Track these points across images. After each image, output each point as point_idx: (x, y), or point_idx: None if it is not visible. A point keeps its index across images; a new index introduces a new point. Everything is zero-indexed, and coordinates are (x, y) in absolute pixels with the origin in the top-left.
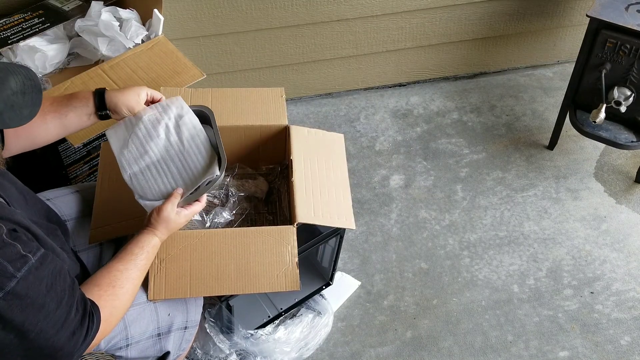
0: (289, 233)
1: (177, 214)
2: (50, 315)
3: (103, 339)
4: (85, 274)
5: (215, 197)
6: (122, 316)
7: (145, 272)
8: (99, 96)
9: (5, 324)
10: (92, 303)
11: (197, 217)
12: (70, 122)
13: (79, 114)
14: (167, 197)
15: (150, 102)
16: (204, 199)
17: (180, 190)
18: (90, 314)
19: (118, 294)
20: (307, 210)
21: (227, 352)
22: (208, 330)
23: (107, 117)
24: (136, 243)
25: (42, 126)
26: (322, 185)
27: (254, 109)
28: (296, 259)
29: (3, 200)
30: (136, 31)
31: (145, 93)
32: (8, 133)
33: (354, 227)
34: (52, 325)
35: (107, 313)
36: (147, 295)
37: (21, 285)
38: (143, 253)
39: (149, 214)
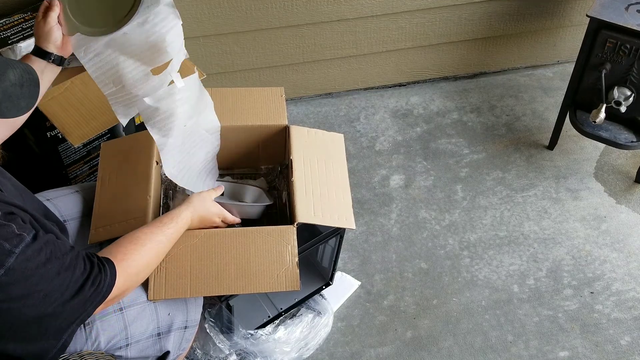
0: (289, 233)
1: (213, 203)
2: (54, 281)
3: (122, 296)
4: None
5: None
6: (143, 274)
7: (171, 242)
8: (35, 50)
9: (12, 297)
10: (105, 258)
11: None
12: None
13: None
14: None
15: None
16: (239, 218)
17: (221, 188)
18: (99, 267)
19: (139, 250)
20: (307, 210)
21: (227, 352)
22: (208, 330)
23: (59, 58)
24: (168, 214)
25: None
26: (322, 185)
27: (254, 108)
28: (296, 259)
29: None
30: None
31: (43, 7)
32: None
33: (354, 227)
34: (57, 289)
35: (125, 265)
36: (147, 295)
37: (20, 260)
38: (172, 222)
39: (192, 195)
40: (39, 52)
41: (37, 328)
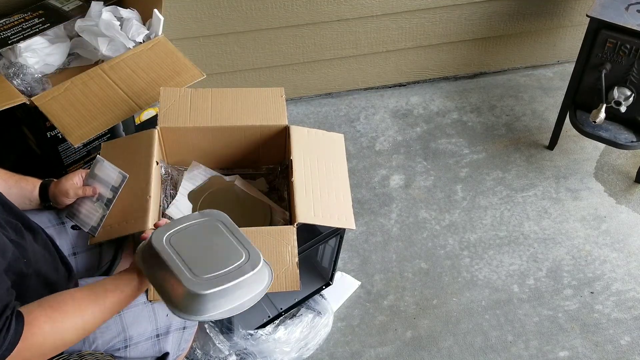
0: (289, 233)
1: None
2: None
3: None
4: (69, 275)
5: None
6: (50, 345)
7: (111, 313)
8: (44, 189)
9: None
10: (19, 315)
11: None
12: (11, 198)
13: (23, 196)
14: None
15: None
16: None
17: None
18: (8, 320)
19: (55, 317)
20: (307, 210)
21: (227, 352)
22: (208, 331)
23: (51, 207)
24: (114, 278)
25: None
26: (322, 186)
27: (254, 109)
28: (296, 259)
29: None
30: (137, 30)
31: (78, 177)
32: None
33: (354, 227)
34: None
35: (30, 333)
36: (146, 296)
37: None
38: (116, 290)
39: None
40: (44, 196)
41: None
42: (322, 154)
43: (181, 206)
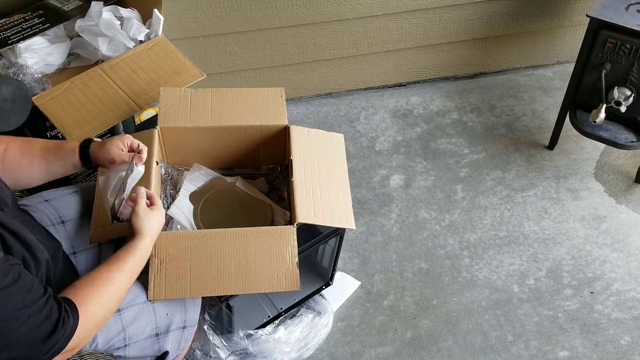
0: (289, 233)
1: (154, 215)
2: (12, 323)
3: (82, 345)
4: (67, 264)
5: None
6: (106, 315)
7: (132, 276)
8: (84, 150)
9: None
10: (66, 299)
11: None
12: (57, 170)
13: (65, 164)
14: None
15: (130, 149)
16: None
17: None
18: (63, 317)
19: (100, 292)
20: (307, 211)
21: (227, 352)
22: (208, 331)
23: (94, 168)
24: (121, 249)
25: (28, 169)
26: (322, 186)
27: (254, 109)
28: (296, 259)
29: None
30: (137, 29)
31: (125, 142)
32: None
33: (354, 227)
34: (17, 333)
35: (85, 309)
36: (146, 295)
37: None
38: (128, 256)
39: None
40: (86, 159)
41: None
42: (322, 154)
43: (183, 207)
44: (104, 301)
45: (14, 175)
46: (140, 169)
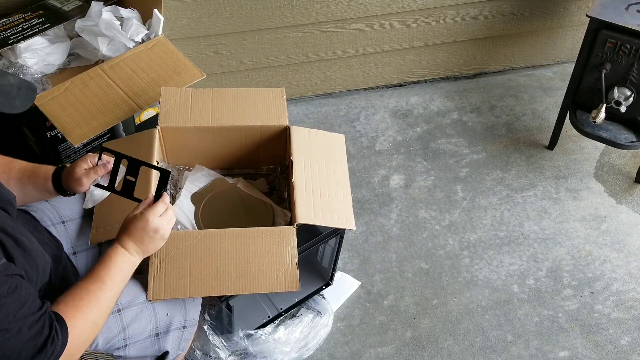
0: (289, 233)
1: (134, 219)
2: (12, 322)
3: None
4: (65, 269)
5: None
6: (92, 339)
7: (119, 289)
8: (57, 176)
9: None
10: (60, 322)
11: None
12: (31, 194)
13: (39, 190)
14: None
15: (95, 165)
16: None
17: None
18: (53, 336)
19: (87, 316)
20: (307, 211)
21: (227, 352)
22: (208, 331)
23: (68, 194)
24: (101, 263)
25: (5, 180)
26: (323, 186)
27: (255, 109)
28: (296, 260)
29: None
30: (137, 29)
31: (87, 162)
32: None
33: (354, 228)
34: (5, 346)
35: (77, 332)
36: (146, 295)
37: None
38: (109, 272)
39: (119, 230)
40: (59, 187)
41: None
42: (322, 155)
43: (184, 207)
44: (93, 317)
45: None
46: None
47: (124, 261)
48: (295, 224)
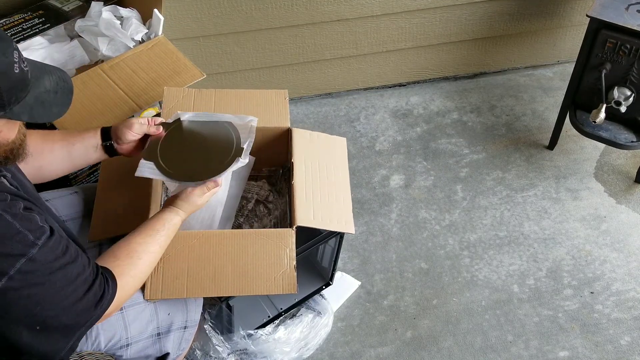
0: (288, 236)
1: (199, 197)
2: (68, 274)
3: (114, 311)
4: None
5: None
6: (138, 286)
7: (163, 249)
8: (105, 130)
9: (32, 284)
10: (106, 269)
11: None
12: (77, 152)
13: (85, 145)
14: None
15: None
16: (221, 180)
17: (212, 183)
18: (104, 278)
19: (136, 263)
20: (307, 214)
21: (227, 352)
22: (208, 331)
23: (112, 149)
24: (157, 219)
25: (49, 155)
26: (323, 189)
27: (257, 110)
28: (294, 262)
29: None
30: (136, 29)
31: (134, 130)
32: None
33: (353, 232)
34: (71, 283)
35: (124, 281)
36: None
37: (42, 251)
38: (164, 229)
39: (174, 195)
40: (106, 135)
41: (51, 320)
42: (324, 157)
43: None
44: (139, 272)
45: (35, 164)
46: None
47: (175, 231)
48: (294, 227)
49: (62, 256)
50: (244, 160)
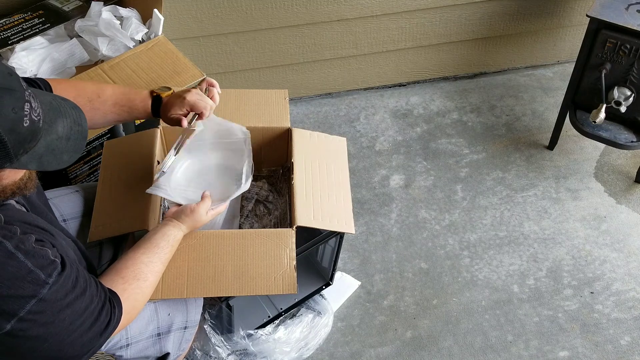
0: (288, 236)
1: (204, 215)
2: (78, 308)
3: (119, 332)
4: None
5: None
6: (140, 309)
7: (166, 265)
8: (156, 101)
9: (40, 323)
10: (113, 293)
11: None
12: (122, 116)
13: (134, 113)
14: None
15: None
16: (228, 202)
17: (210, 194)
18: (111, 305)
19: (142, 286)
20: (307, 214)
21: (227, 352)
22: (208, 331)
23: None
24: (162, 236)
25: (101, 120)
26: (323, 189)
27: (257, 110)
28: (294, 262)
29: (23, 208)
30: (136, 28)
31: (183, 108)
32: None
33: (353, 232)
34: (79, 316)
35: (130, 306)
36: None
37: (52, 290)
38: (168, 246)
39: (178, 210)
40: (156, 108)
41: (56, 353)
42: (324, 158)
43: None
44: (143, 296)
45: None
46: (196, 127)
47: (178, 242)
48: (294, 227)
49: (71, 290)
50: (245, 186)
